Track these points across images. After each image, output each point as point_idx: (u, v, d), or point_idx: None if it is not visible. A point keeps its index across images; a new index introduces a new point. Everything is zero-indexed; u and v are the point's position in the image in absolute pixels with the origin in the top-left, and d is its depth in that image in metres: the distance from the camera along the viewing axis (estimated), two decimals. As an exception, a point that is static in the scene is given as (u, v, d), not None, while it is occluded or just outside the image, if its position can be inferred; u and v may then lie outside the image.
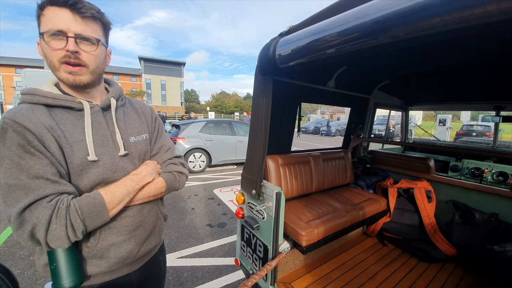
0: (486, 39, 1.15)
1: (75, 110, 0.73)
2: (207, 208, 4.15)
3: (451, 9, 0.51)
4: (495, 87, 2.15)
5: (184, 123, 6.99)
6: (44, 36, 0.65)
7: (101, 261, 0.75)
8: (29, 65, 33.71)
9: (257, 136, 1.40)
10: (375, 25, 0.65)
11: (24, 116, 0.64)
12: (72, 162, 0.69)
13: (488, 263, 1.68)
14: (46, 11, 0.65)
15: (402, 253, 2.01)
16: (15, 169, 0.61)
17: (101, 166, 0.73)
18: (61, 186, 0.65)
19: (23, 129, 0.62)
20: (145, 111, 0.95)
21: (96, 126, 0.76)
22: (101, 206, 0.67)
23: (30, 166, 0.61)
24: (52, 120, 0.68)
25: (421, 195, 2.04)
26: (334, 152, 2.42)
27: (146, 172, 0.82)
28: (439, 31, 0.55)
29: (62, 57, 0.66)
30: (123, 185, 0.75)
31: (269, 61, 1.12)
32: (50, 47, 0.66)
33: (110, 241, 0.76)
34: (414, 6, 0.56)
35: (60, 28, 0.65)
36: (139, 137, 0.87)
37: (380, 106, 2.88)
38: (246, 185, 1.55)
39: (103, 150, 0.75)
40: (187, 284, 2.26)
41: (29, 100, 0.69)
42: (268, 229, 1.42)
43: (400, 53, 1.51)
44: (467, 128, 12.23)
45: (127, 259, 0.82)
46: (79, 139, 0.71)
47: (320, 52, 0.85)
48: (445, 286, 1.64)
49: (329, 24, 0.80)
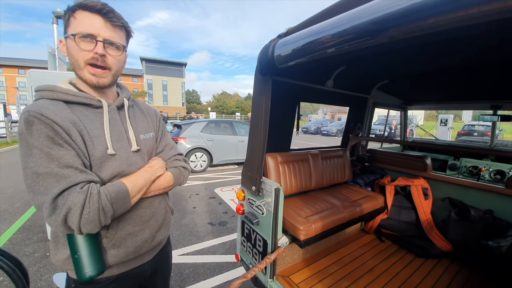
0: (482, 39, 1.18)
1: (93, 107, 0.79)
2: (208, 207, 4.20)
3: (446, 10, 0.54)
4: (492, 87, 2.19)
5: (185, 123, 7.05)
6: (75, 37, 0.70)
7: (119, 251, 0.80)
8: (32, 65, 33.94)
9: (257, 134, 1.45)
10: (372, 26, 0.68)
11: (49, 110, 0.67)
12: (94, 155, 0.74)
13: (483, 258, 1.72)
14: (78, 14, 0.71)
15: (399, 249, 2.05)
16: (44, 159, 0.63)
17: (118, 159, 0.79)
18: (89, 175, 0.69)
19: (50, 122, 0.66)
20: (150, 112, 1.02)
21: (112, 123, 0.81)
22: (125, 193, 0.73)
23: (60, 156, 0.64)
24: (74, 115, 0.73)
25: (417, 193, 2.08)
26: (333, 151, 2.46)
27: (158, 165, 0.89)
28: (435, 31, 0.58)
29: (89, 58, 0.72)
30: (140, 176, 0.80)
31: (268, 61, 1.17)
32: (79, 48, 0.71)
33: (127, 231, 0.81)
34: (410, 7, 0.58)
35: (90, 32, 0.71)
36: (147, 135, 0.93)
37: (378, 106, 2.92)
38: (246, 181, 1.60)
39: (119, 145, 0.80)
40: (189, 280, 2.31)
41: (49, 96, 0.73)
42: (267, 224, 1.47)
43: (398, 53, 1.55)
44: (468, 128, 12.22)
45: (142, 248, 0.87)
46: (98, 134, 0.76)
47: (318, 52, 0.89)
48: (440, 280, 1.68)
49: (326, 25, 0.84)
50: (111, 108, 0.82)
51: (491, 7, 0.48)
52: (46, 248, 2.77)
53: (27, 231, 3.16)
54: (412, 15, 0.59)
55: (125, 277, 0.85)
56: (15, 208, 3.91)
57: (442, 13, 0.54)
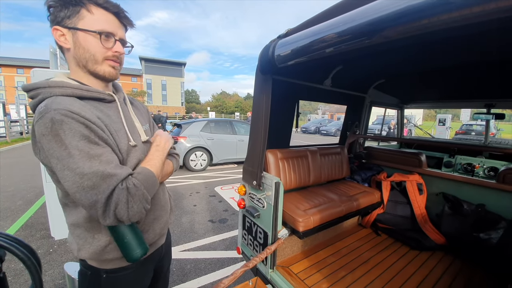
0: (476, 39, 1.23)
1: (105, 102, 0.80)
2: (208, 205, 4.25)
3: (439, 11, 0.56)
4: (486, 86, 2.25)
5: (185, 122, 7.10)
6: (101, 35, 0.73)
7: (148, 235, 0.86)
8: (31, 65, 33.84)
9: (258, 131, 1.51)
10: (368, 27, 0.73)
11: (77, 107, 0.66)
12: (121, 148, 0.77)
13: (474, 250, 1.79)
14: (94, 10, 0.72)
15: (395, 242, 2.12)
16: (86, 159, 0.63)
17: (138, 150, 0.83)
18: (126, 170, 0.71)
19: (83, 119, 0.65)
20: (139, 105, 1.07)
21: (125, 115, 0.84)
22: (153, 177, 0.77)
23: (100, 154, 0.66)
24: (97, 111, 0.73)
25: (412, 188, 2.15)
26: (331, 148, 2.52)
27: (164, 140, 0.92)
28: (429, 31, 0.61)
29: (110, 55, 0.76)
30: (156, 156, 0.84)
31: (269, 61, 1.23)
32: (102, 45, 0.74)
33: (153, 216, 0.88)
34: (406, 9, 0.62)
35: (111, 31, 0.75)
36: (145, 126, 0.98)
37: (376, 105, 2.98)
38: (247, 176, 1.66)
39: (135, 136, 0.84)
40: (191, 275, 2.36)
41: (62, 92, 0.69)
42: (268, 217, 1.53)
43: (394, 53, 1.61)
44: (466, 128, 12.33)
45: (163, 230, 0.94)
46: (119, 128, 0.79)
47: (316, 52, 0.95)
48: (434, 271, 1.75)
49: (324, 26, 0.90)
50: (121, 102, 0.86)
51: (483, 8, 0.51)
52: (49, 245, 2.82)
53: (30, 229, 3.21)
54: (407, 16, 0.63)
55: (149, 260, 0.93)
56: (17, 206, 3.96)
57: (436, 14, 0.57)
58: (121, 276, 0.83)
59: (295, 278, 1.60)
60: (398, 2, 0.65)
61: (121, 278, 0.84)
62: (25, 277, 2.26)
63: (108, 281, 0.82)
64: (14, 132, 12.77)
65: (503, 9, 0.49)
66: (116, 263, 0.82)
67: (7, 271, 2.30)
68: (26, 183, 5.14)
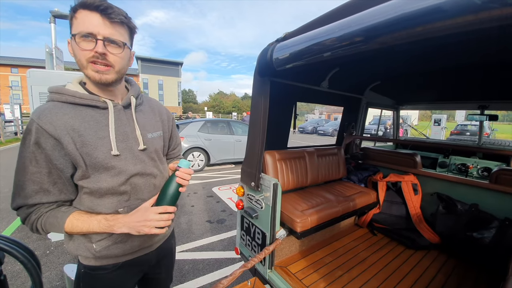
0: (470, 44, 1.27)
1: (100, 108, 0.81)
2: (206, 205, 4.26)
3: (434, 19, 0.58)
4: (479, 88, 2.30)
5: (183, 122, 7.09)
6: (75, 37, 0.71)
7: (125, 245, 0.87)
8: (25, 64, 33.41)
9: (256, 132, 1.53)
10: (365, 33, 0.75)
11: (47, 118, 0.73)
12: (97, 157, 0.77)
13: (468, 248, 1.83)
14: (78, 14, 0.71)
15: (390, 241, 2.16)
16: (21, 170, 0.73)
17: (122, 159, 0.82)
18: (45, 197, 0.76)
19: (42, 132, 0.72)
20: (162, 111, 1.05)
21: (118, 123, 0.83)
22: (59, 228, 0.78)
23: (33, 172, 0.73)
24: (76, 120, 0.76)
25: (408, 188, 2.19)
26: (328, 149, 2.55)
27: (121, 224, 0.79)
28: (424, 38, 0.63)
29: (91, 57, 0.72)
30: (92, 223, 0.78)
31: (267, 64, 1.25)
32: (80, 48, 0.71)
33: None
34: (400, 16, 0.64)
35: (90, 31, 0.70)
36: (155, 133, 0.96)
37: (372, 106, 3.02)
38: (245, 177, 1.68)
39: (124, 145, 0.83)
40: (189, 276, 2.37)
41: (58, 98, 0.76)
42: (266, 217, 1.55)
43: (389, 56, 1.65)
44: (461, 128, 12.51)
45: (148, 242, 0.94)
46: (103, 136, 0.79)
47: (313, 56, 0.97)
48: (428, 270, 1.78)
49: (322, 31, 0.92)
50: (117, 108, 0.84)
51: (477, 17, 0.53)
52: (45, 246, 2.80)
53: (26, 230, 3.18)
54: (401, 23, 0.65)
55: (130, 264, 0.92)
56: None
57: (430, 22, 0.59)
58: (96, 274, 0.87)
59: (293, 278, 1.62)
60: (394, 10, 0.67)
61: (97, 277, 0.88)
62: (22, 279, 2.25)
63: (85, 276, 0.88)
64: (9, 133, 12.59)
65: (496, 18, 0.52)
66: (90, 260, 0.86)
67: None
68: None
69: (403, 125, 10.38)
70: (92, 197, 0.81)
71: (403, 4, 0.65)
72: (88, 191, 0.80)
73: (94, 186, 0.79)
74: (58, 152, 0.74)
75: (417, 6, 0.61)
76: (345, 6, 0.91)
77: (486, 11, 0.51)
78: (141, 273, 1.00)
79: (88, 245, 0.83)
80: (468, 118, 3.02)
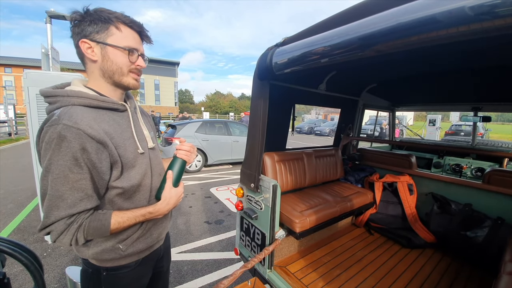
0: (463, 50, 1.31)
1: (119, 111, 0.86)
2: (204, 206, 4.27)
3: (428, 29, 0.60)
4: (473, 90, 2.36)
5: (180, 123, 7.08)
6: (129, 52, 0.82)
7: (146, 239, 0.93)
8: (19, 64, 32.92)
9: (256, 135, 1.55)
10: (361, 41, 0.78)
11: (85, 122, 0.71)
12: (128, 157, 0.82)
13: (462, 247, 1.88)
14: (122, 28, 0.80)
15: (387, 241, 2.20)
16: (60, 180, 0.70)
17: (146, 156, 0.89)
18: (90, 203, 0.76)
19: (86, 137, 0.70)
20: (145, 113, 1.11)
21: (135, 124, 0.89)
22: (105, 230, 0.78)
23: (76, 180, 0.71)
24: (105, 123, 0.78)
25: (403, 188, 2.23)
26: (325, 150, 2.59)
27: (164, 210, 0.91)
28: (419, 47, 0.66)
29: (134, 68, 0.85)
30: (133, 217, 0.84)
31: (267, 68, 1.28)
32: (129, 60, 0.82)
33: (153, 222, 0.95)
34: (396, 26, 0.67)
35: (136, 47, 0.83)
36: (152, 133, 1.02)
37: (368, 107, 3.07)
38: (245, 179, 1.70)
39: (143, 144, 0.90)
40: (188, 277, 2.38)
41: (79, 102, 0.76)
42: (265, 218, 1.58)
43: (385, 60, 1.68)
44: (455, 128, 12.68)
45: (162, 235, 1.02)
46: (128, 137, 0.84)
47: (312, 62, 1.00)
48: (424, 268, 1.83)
49: (320, 38, 0.95)
50: (132, 111, 0.91)
51: (469, 28, 0.55)
52: (43, 249, 2.79)
53: (22, 232, 3.16)
54: (397, 32, 0.67)
55: (147, 259, 0.98)
56: (8, 209, 3.88)
57: (425, 32, 0.62)
58: (120, 274, 0.90)
59: (292, 278, 1.65)
60: (390, 19, 0.70)
61: (120, 276, 0.91)
62: (20, 282, 2.24)
63: (108, 278, 0.89)
64: (2, 133, 12.42)
65: (488, 30, 0.54)
66: (114, 262, 0.88)
67: (1, 276, 2.27)
68: (17, 186, 5.03)
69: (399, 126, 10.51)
70: (123, 198, 0.85)
71: (400, 14, 0.68)
72: (121, 191, 0.82)
73: (127, 184, 0.82)
74: (101, 155, 0.75)
75: (413, 17, 0.64)
76: (343, 14, 0.94)
77: (478, 22, 0.54)
78: (152, 268, 1.05)
79: (115, 246, 0.85)
80: (462, 119, 3.09)
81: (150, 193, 0.92)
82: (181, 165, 0.97)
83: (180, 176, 0.96)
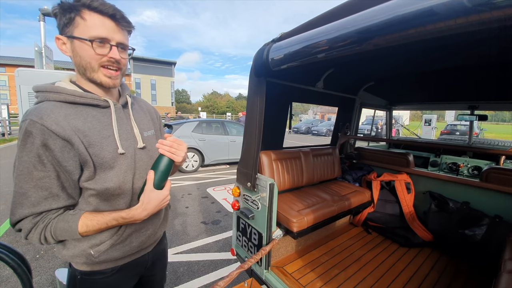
0: (461, 46, 1.30)
1: (101, 107, 0.79)
2: (201, 207, 4.23)
3: (426, 22, 0.59)
4: (469, 89, 2.36)
5: (176, 123, 7.02)
6: (92, 43, 0.70)
7: (125, 247, 0.85)
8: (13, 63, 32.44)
9: (252, 133, 1.53)
10: (358, 35, 0.76)
11: (51, 118, 0.67)
12: (104, 157, 0.76)
13: (460, 245, 1.87)
14: (87, 15, 0.69)
15: (385, 240, 2.19)
16: (24, 177, 0.67)
17: (128, 157, 0.82)
18: (55, 202, 0.72)
19: (49, 133, 0.66)
20: (150, 110, 1.04)
21: (119, 122, 0.82)
22: (72, 232, 0.73)
23: (39, 177, 0.67)
24: (79, 120, 0.72)
25: (401, 187, 2.22)
26: (323, 149, 2.57)
27: (139, 215, 0.81)
28: (417, 40, 0.65)
29: (104, 61, 0.73)
30: (104, 222, 0.77)
31: (263, 64, 1.25)
32: (95, 52, 0.71)
33: (133, 228, 0.86)
34: (393, 18, 0.66)
35: (104, 36, 0.71)
36: (149, 132, 0.96)
37: (365, 106, 3.06)
38: (241, 178, 1.67)
39: (127, 143, 0.83)
40: (184, 278, 2.34)
41: (55, 98, 0.71)
42: (262, 218, 1.55)
43: (383, 57, 1.67)
44: (451, 128, 12.81)
45: (146, 243, 0.93)
46: (107, 135, 0.78)
47: (309, 57, 0.98)
48: (422, 267, 1.82)
49: (317, 32, 0.93)
50: (117, 107, 0.83)
51: (467, 20, 0.54)
52: (35, 250, 2.73)
53: (14, 234, 3.08)
54: (395, 26, 0.66)
55: (128, 267, 0.91)
56: (0, 211, 3.80)
57: (422, 24, 0.61)
58: (95, 279, 0.85)
59: (290, 278, 1.63)
60: (388, 12, 0.68)
61: (94, 281, 0.85)
62: (12, 284, 2.18)
63: (82, 282, 0.84)
64: (-5, 133, 12.22)
65: (486, 21, 0.53)
66: (88, 266, 0.83)
67: (-9, 279, 2.21)
68: (10, 187, 4.93)
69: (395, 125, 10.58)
70: (99, 200, 0.79)
71: (397, 7, 0.66)
72: (94, 193, 0.77)
73: (101, 187, 0.76)
74: (67, 153, 0.70)
75: (410, 9, 0.63)
76: (339, 8, 0.92)
77: (476, 14, 0.53)
78: (138, 276, 0.99)
79: (86, 251, 0.79)
80: (458, 118, 3.10)
81: (132, 197, 0.84)
82: (166, 164, 0.84)
83: (164, 176, 0.84)
